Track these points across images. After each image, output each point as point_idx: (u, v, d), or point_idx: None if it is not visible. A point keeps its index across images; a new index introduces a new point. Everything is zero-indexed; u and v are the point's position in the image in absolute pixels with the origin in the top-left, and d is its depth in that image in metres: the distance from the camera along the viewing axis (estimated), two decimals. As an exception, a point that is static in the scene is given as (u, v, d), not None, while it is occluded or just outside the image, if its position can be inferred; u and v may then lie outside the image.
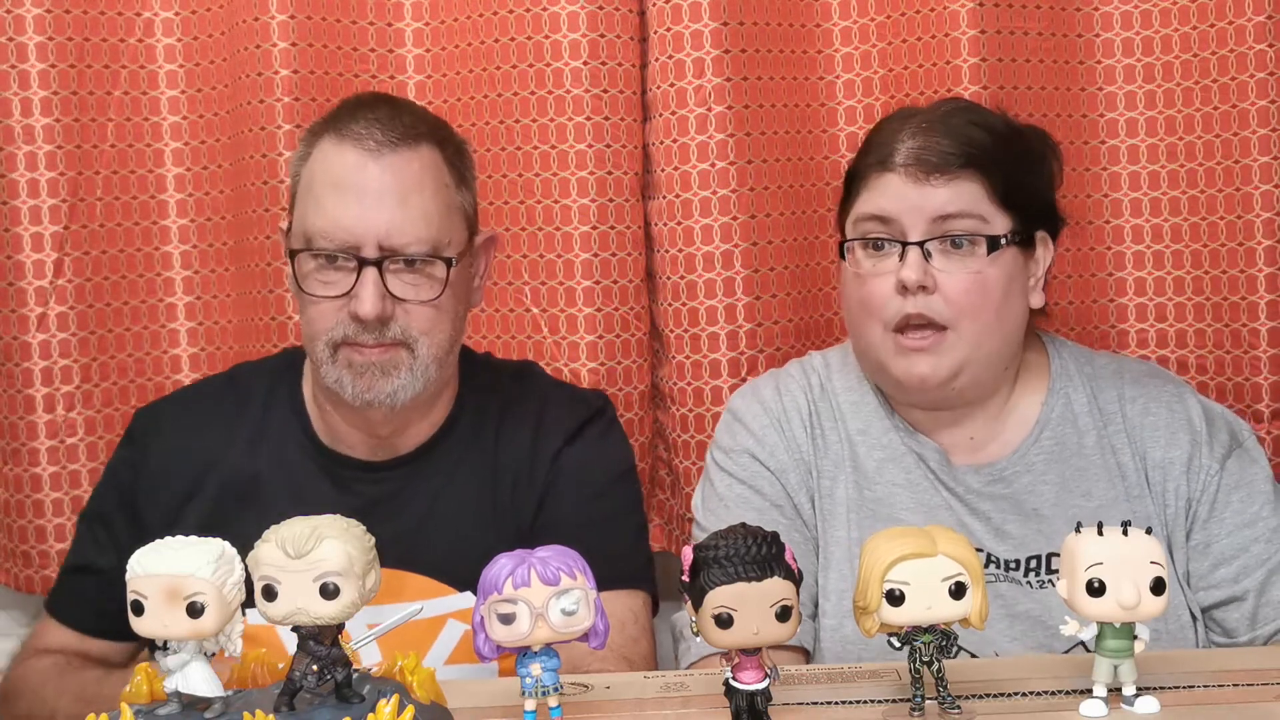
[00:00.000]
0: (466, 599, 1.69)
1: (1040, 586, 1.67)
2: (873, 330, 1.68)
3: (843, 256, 1.72)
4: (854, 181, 1.72)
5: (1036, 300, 1.72)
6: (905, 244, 1.64)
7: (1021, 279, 1.69)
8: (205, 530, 1.20)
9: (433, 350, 1.68)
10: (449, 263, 1.67)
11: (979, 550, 1.69)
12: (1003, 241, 1.65)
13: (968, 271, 1.64)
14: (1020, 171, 1.69)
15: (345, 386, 1.68)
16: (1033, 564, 1.68)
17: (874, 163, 1.68)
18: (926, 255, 1.64)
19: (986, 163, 1.65)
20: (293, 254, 1.68)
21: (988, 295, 1.64)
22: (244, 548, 1.16)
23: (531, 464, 1.77)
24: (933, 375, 1.66)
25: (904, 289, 1.64)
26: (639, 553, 1.83)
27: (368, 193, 1.64)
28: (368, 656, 1.53)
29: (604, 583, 1.20)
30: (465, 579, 1.67)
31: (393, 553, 1.18)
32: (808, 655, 1.69)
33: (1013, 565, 1.69)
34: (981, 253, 1.64)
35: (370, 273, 1.63)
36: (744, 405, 1.81)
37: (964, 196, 1.64)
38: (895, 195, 1.65)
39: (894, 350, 1.67)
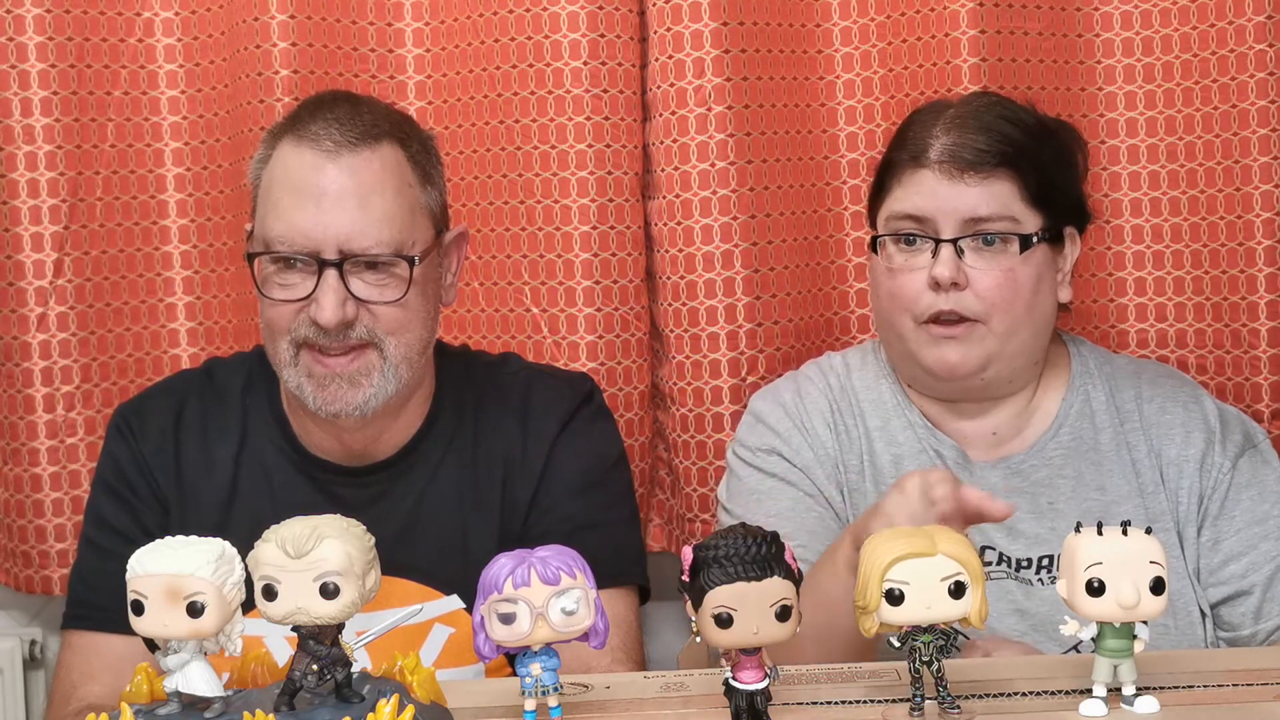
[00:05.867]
0: (453, 602, 1.68)
1: (1052, 583, 1.67)
2: (903, 323, 1.70)
3: (874, 250, 1.73)
4: (886, 175, 1.73)
5: (1065, 295, 1.74)
6: (938, 241, 1.65)
7: (1051, 275, 1.71)
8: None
9: (402, 350, 1.63)
10: (412, 262, 1.61)
11: (990, 548, 1.69)
12: (1034, 240, 1.66)
13: (1000, 269, 1.66)
14: (1051, 169, 1.71)
15: (307, 395, 1.63)
16: (1045, 562, 1.69)
17: (907, 158, 1.69)
18: (959, 252, 1.65)
19: (1020, 161, 1.66)
20: (250, 258, 1.63)
21: (1019, 292, 1.66)
22: None
23: (524, 453, 1.73)
24: (962, 364, 1.68)
25: (936, 285, 1.65)
26: (633, 545, 1.81)
27: (326, 195, 1.59)
28: (362, 659, 1.52)
29: (602, 580, 1.20)
30: (451, 581, 1.67)
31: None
32: None
33: (1024, 564, 1.69)
34: (1014, 251, 1.66)
35: (330, 276, 1.58)
36: (765, 407, 1.82)
37: (997, 198, 1.65)
38: (929, 193, 1.67)
39: (925, 340, 1.69)
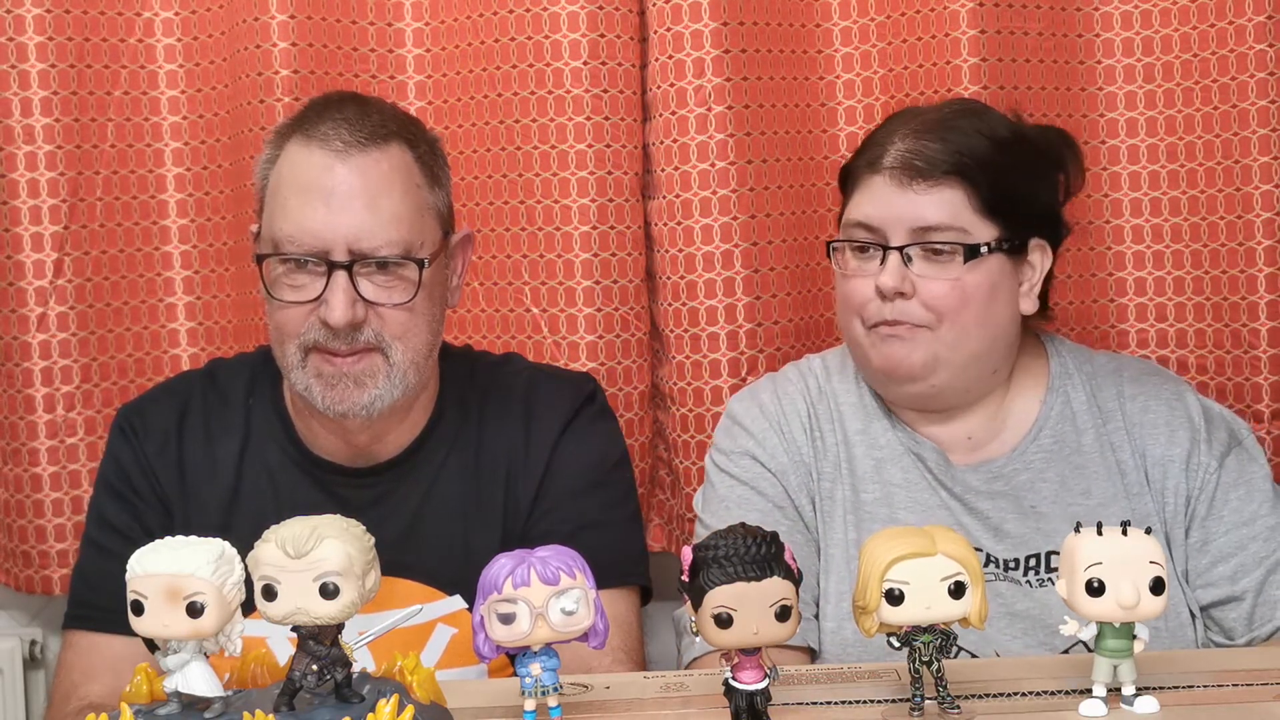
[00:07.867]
0: (455, 602, 1.68)
1: (1039, 585, 1.67)
2: (855, 325, 1.72)
3: (829, 256, 1.75)
4: (847, 180, 1.75)
5: (1027, 306, 1.73)
6: (886, 249, 1.66)
7: (1009, 285, 1.70)
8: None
9: (408, 355, 1.63)
10: (421, 264, 1.62)
11: (977, 550, 1.69)
12: (982, 250, 1.66)
13: (946, 278, 1.66)
14: (1013, 179, 1.69)
15: (315, 396, 1.63)
16: (1031, 563, 1.68)
17: (864, 164, 1.71)
18: (907, 260, 1.66)
19: (973, 171, 1.66)
20: (260, 259, 1.64)
21: (966, 301, 1.66)
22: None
23: (527, 453, 1.73)
24: (904, 362, 1.68)
25: (881, 294, 1.66)
26: (635, 545, 1.81)
27: (335, 195, 1.59)
28: (364, 658, 1.53)
29: (604, 580, 1.20)
30: (454, 581, 1.67)
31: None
32: (813, 655, 1.69)
33: (1011, 565, 1.69)
34: (959, 261, 1.66)
35: (340, 277, 1.58)
36: (743, 409, 1.81)
37: (946, 208, 1.65)
38: (880, 201, 1.68)
39: (872, 341, 1.70)
